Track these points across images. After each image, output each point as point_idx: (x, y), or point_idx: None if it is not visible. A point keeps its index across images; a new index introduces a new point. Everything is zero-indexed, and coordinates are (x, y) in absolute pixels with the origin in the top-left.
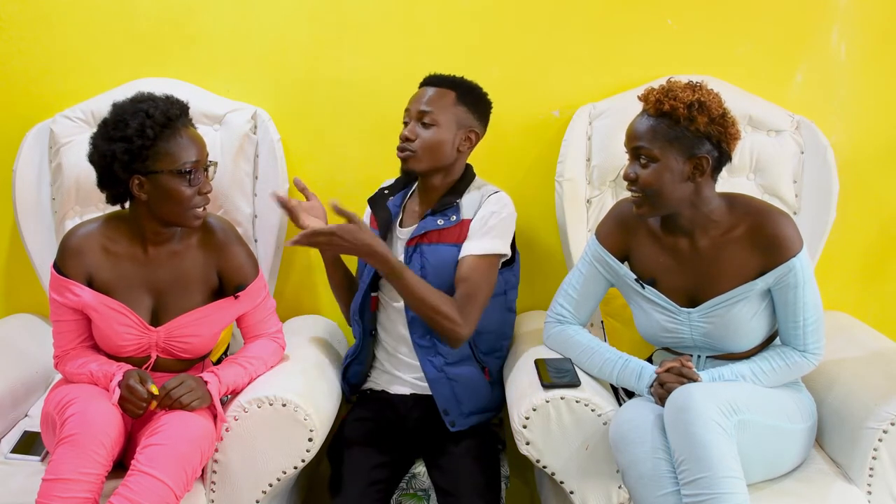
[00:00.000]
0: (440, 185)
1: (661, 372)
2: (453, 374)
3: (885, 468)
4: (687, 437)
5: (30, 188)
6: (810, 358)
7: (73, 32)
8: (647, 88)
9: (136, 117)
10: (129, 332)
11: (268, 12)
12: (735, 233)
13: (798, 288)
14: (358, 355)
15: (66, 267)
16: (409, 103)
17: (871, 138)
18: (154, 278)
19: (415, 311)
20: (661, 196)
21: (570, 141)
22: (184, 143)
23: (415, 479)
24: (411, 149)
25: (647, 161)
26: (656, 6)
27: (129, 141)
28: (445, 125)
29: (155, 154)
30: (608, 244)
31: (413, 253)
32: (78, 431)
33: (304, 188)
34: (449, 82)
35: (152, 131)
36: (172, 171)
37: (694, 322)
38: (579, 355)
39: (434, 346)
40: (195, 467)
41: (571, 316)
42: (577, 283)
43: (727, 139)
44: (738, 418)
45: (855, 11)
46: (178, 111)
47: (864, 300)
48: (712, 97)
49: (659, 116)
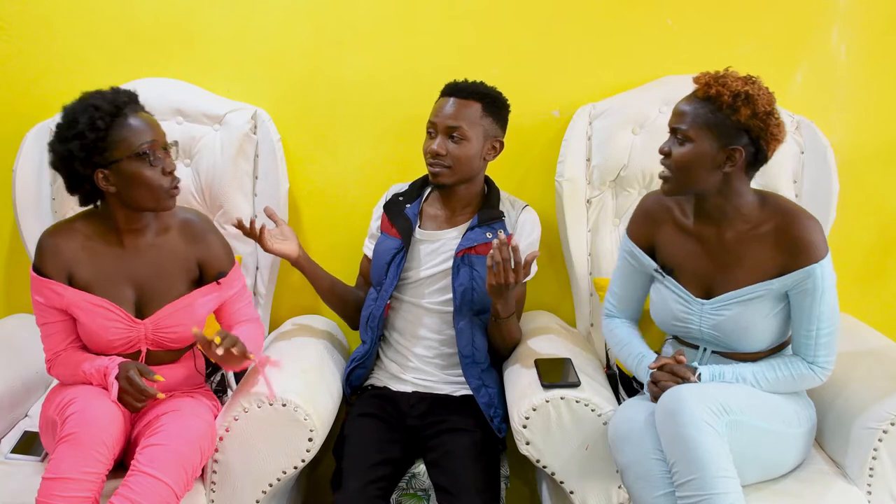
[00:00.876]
0: (464, 192)
1: (654, 367)
2: (489, 382)
3: (885, 468)
4: (678, 439)
5: (30, 188)
6: (818, 371)
7: (73, 32)
8: (702, 71)
9: (84, 113)
10: (115, 327)
11: (268, 12)
12: (761, 229)
13: (816, 296)
14: (364, 360)
15: (46, 267)
16: (434, 116)
17: (871, 138)
18: (134, 271)
19: (498, 341)
20: (688, 177)
21: (570, 141)
22: (136, 126)
23: (415, 478)
24: (444, 164)
25: (683, 140)
26: (656, 6)
27: (82, 137)
28: (475, 139)
29: (110, 144)
30: (635, 237)
31: (461, 264)
32: (79, 430)
33: (273, 214)
34: (474, 93)
35: (102, 122)
36: (131, 155)
37: (705, 314)
38: (614, 347)
39: (473, 355)
40: (195, 467)
41: (616, 309)
42: (617, 278)
43: (767, 138)
44: (729, 418)
45: (855, 11)
46: (126, 98)
47: (865, 300)
48: (762, 93)
49: (704, 100)
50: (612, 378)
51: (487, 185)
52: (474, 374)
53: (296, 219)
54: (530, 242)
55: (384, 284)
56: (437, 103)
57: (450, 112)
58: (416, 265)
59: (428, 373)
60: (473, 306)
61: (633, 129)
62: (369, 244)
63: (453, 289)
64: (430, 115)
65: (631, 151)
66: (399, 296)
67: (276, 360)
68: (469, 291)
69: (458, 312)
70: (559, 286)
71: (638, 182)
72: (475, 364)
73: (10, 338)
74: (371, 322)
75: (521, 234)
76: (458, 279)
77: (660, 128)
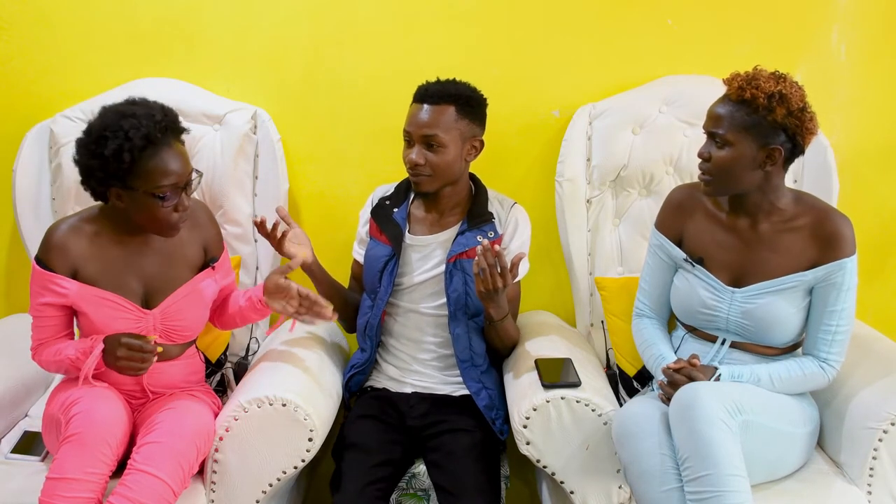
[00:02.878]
0: (449, 194)
1: (672, 368)
2: (488, 383)
3: (885, 468)
4: (692, 434)
5: (30, 188)
6: (827, 371)
7: (73, 32)
8: (732, 73)
9: (116, 137)
10: (123, 319)
11: (268, 12)
12: (797, 222)
13: (842, 290)
14: (364, 367)
15: (51, 261)
16: (409, 125)
17: (871, 138)
18: (142, 263)
19: (496, 343)
20: (731, 179)
21: (570, 141)
22: (162, 165)
23: (415, 478)
24: (424, 173)
25: (722, 144)
26: (656, 6)
27: (105, 161)
28: (452, 144)
29: (133, 174)
30: (664, 229)
31: (454, 269)
32: (83, 430)
33: (286, 216)
34: (446, 96)
35: (129, 155)
36: (148, 191)
37: (735, 302)
38: (639, 347)
39: (471, 358)
40: (192, 464)
41: (647, 308)
42: (647, 275)
43: (803, 133)
44: (742, 418)
45: (855, 11)
46: (163, 128)
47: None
48: (794, 90)
49: (739, 103)
50: (613, 378)
51: (474, 184)
52: (473, 376)
53: (296, 219)
54: (522, 241)
55: (378, 293)
56: (411, 110)
57: (424, 120)
58: (409, 271)
59: (427, 375)
60: (468, 311)
61: (633, 129)
62: (359, 249)
63: (447, 295)
64: (405, 122)
65: (631, 151)
66: (395, 301)
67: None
68: (463, 297)
69: (454, 318)
70: (559, 286)
71: (638, 182)
72: (474, 367)
73: (10, 338)
74: (369, 331)
75: (512, 233)
76: (452, 285)
77: (660, 128)
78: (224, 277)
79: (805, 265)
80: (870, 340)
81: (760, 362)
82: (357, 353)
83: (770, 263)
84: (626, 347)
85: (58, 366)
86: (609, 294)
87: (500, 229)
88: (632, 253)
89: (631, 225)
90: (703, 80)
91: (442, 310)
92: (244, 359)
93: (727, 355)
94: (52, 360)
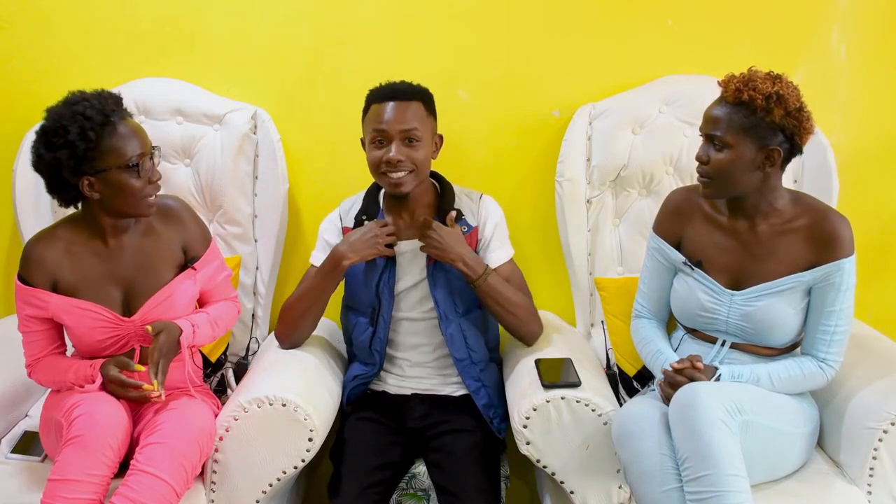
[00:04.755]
0: (419, 194)
1: (674, 369)
2: (488, 382)
3: (885, 468)
4: (692, 434)
5: (30, 188)
6: (826, 370)
7: (73, 32)
8: (728, 75)
9: (74, 121)
10: (103, 329)
11: (268, 12)
12: (795, 223)
13: (840, 290)
14: (368, 379)
15: (31, 276)
16: (382, 123)
17: (871, 138)
18: (120, 270)
19: (500, 312)
20: (730, 181)
21: (570, 141)
22: (126, 137)
23: (415, 479)
24: (406, 170)
25: (721, 146)
26: (656, 6)
27: (72, 146)
28: (426, 138)
29: (100, 153)
30: (662, 233)
31: (435, 270)
32: (85, 432)
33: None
34: (415, 93)
35: (93, 133)
36: (120, 166)
37: (735, 305)
38: (637, 345)
39: (469, 356)
40: (194, 464)
41: (645, 309)
42: (645, 277)
43: (800, 133)
44: (742, 418)
45: (855, 11)
46: (114, 105)
47: (864, 300)
48: (791, 90)
49: (737, 105)
50: (612, 378)
51: (437, 181)
52: (472, 374)
53: (296, 219)
54: (496, 222)
55: (381, 309)
56: (377, 109)
57: (401, 116)
58: (396, 280)
59: (427, 377)
60: (458, 309)
61: (633, 129)
62: (319, 256)
63: (433, 298)
64: (372, 123)
65: (631, 151)
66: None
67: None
68: (449, 296)
69: (444, 319)
70: (559, 286)
71: (638, 182)
72: (472, 364)
73: (11, 338)
74: (377, 345)
75: (487, 220)
76: (437, 287)
77: (660, 128)
78: (210, 278)
79: (803, 266)
80: (869, 340)
81: (759, 362)
82: (357, 364)
83: (769, 266)
84: (626, 347)
85: (57, 387)
86: (609, 294)
87: (474, 221)
88: (632, 253)
89: (631, 225)
90: (702, 80)
91: (431, 314)
92: (244, 359)
93: (728, 355)
94: (52, 381)
